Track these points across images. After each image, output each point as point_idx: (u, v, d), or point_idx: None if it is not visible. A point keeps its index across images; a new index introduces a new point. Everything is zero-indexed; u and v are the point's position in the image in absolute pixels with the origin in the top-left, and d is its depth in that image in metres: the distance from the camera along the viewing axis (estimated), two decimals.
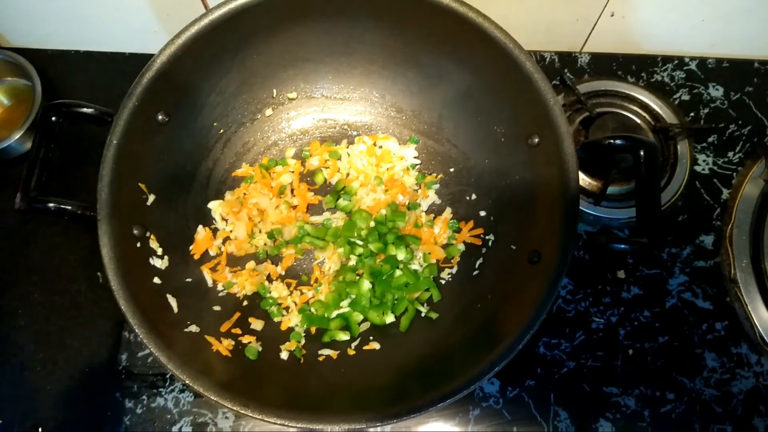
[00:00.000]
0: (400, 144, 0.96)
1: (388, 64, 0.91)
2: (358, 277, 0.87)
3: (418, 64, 0.89)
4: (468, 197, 0.93)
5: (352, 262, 0.89)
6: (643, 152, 0.73)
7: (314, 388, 0.78)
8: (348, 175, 0.95)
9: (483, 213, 0.90)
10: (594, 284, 0.92)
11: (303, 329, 0.85)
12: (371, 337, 0.85)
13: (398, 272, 0.87)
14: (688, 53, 1.07)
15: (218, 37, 0.78)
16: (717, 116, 1.03)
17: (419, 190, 0.94)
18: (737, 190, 0.97)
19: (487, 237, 0.89)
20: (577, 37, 1.05)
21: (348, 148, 0.96)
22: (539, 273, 0.72)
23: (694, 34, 1.03)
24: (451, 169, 0.95)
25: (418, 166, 0.96)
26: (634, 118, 0.98)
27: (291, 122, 0.97)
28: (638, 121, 0.98)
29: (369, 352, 0.83)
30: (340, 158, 0.95)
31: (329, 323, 0.85)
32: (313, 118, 0.98)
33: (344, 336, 0.85)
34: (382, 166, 0.94)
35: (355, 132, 0.98)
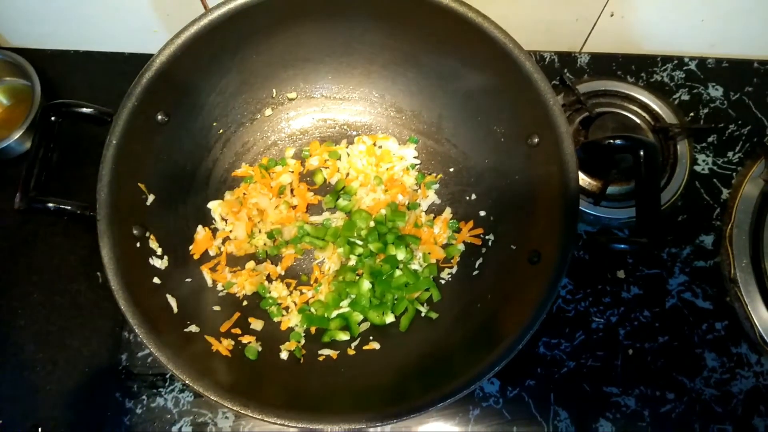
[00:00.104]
0: (399, 144, 0.96)
1: (387, 64, 0.91)
2: (357, 277, 0.87)
3: (418, 64, 0.89)
4: (468, 197, 0.93)
5: (352, 262, 0.89)
6: (642, 152, 0.73)
7: (314, 388, 0.78)
8: (348, 175, 0.95)
9: (483, 213, 0.90)
10: (594, 284, 0.92)
11: (303, 329, 0.85)
12: (371, 337, 0.85)
13: (398, 272, 0.87)
14: (687, 53, 1.07)
15: (218, 37, 0.78)
16: (717, 116, 1.03)
17: (419, 190, 0.94)
18: (737, 190, 0.97)
19: (486, 237, 0.89)
20: (576, 37, 1.05)
21: (348, 148, 0.96)
22: (539, 273, 0.72)
23: (694, 34, 1.03)
24: (451, 169, 0.95)
25: (417, 166, 0.96)
26: (633, 118, 0.98)
27: (291, 122, 0.97)
28: (638, 121, 0.98)
29: (369, 352, 0.83)
30: (339, 158, 0.95)
31: (329, 323, 0.85)
32: (313, 118, 0.98)
33: (344, 336, 0.85)
34: (381, 166, 0.94)
35: (355, 132, 0.98)
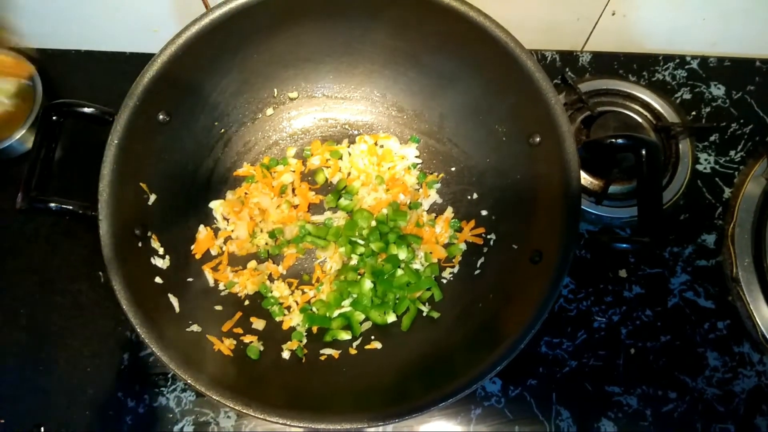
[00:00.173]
0: (401, 143, 0.96)
1: (389, 64, 0.91)
2: (359, 277, 0.87)
3: (419, 63, 0.89)
4: (469, 196, 0.92)
5: (354, 261, 0.89)
6: (644, 151, 0.73)
7: (316, 387, 0.78)
8: (349, 174, 0.95)
9: (484, 212, 0.90)
10: (596, 283, 0.92)
11: (304, 329, 0.85)
12: (373, 337, 0.85)
13: (400, 271, 0.87)
14: (689, 52, 1.06)
15: (219, 37, 0.77)
16: (718, 115, 1.02)
17: (420, 190, 0.94)
18: (739, 189, 0.96)
19: (488, 236, 0.89)
20: (578, 36, 1.05)
21: (349, 147, 0.96)
22: (541, 272, 0.72)
23: (696, 32, 1.03)
24: (453, 169, 0.95)
25: (419, 165, 0.96)
26: (635, 117, 0.98)
27: (292, 122, 0.97)
28: (640, 120, 0.98)
29: (370, 351, 0.83)
30: (341, 158, 0.95)
31: (331, 323, 0.85)
32: (314, 118, 0.98)
33: (346, 335, 0.85)
34: (383, 165, 0.94)
35: (356, 131, 0.98)
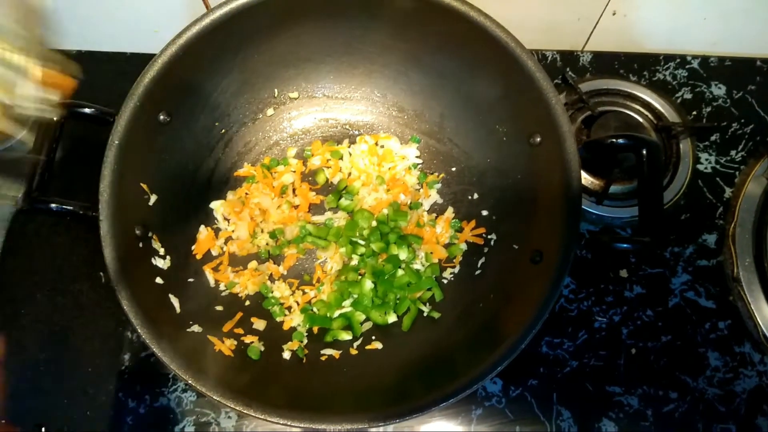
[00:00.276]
0: (401, 143, 0.96)
1: (389, 64, 0.91)
2: (360, 277, 0.87)
3: (420, 63, 0.89)
4: (470, 196, 0.92)
5: (354, 261, 0.89)
6: (645, 151, 0.73)
7: (316, 387, 0.78)
8: (350, 174, 0.95)
9: (485, 212, 0.90)
10: (596, 283, 0.92)
11: (305, 329, 0.85)
12: (373, 337, 0.85)
13: (400, 272, 0.87)
14: (690, 52, 1.06)
15: (220, 37, 0.78)
16: (719, 115, 1.02)
17: (421, 190, 0.94)
18: (740, 189, 0.96)
19: (489, 236, 0.89)
20: (578, 36, 1.05)
21: (350, 147, 0.96)
22: (541, 272, 0.72)
23: (696, 32, 1.03)
24: (453, 169, 0.95)
25: (419, 165, 0.96)
26: (636, 116, 0.98)
27: (292, 122, 0.97)
28: (640, 119, 0.98)
29: (371, 351, 0.83)
30: (341, 158, 0.95)
31: (331, 323, 0.85)
32: (315, 118, 0.98)
33: (346, 336, 0.85)
34: (383, 165, 0.94)
35: (357, 131, 0.98)
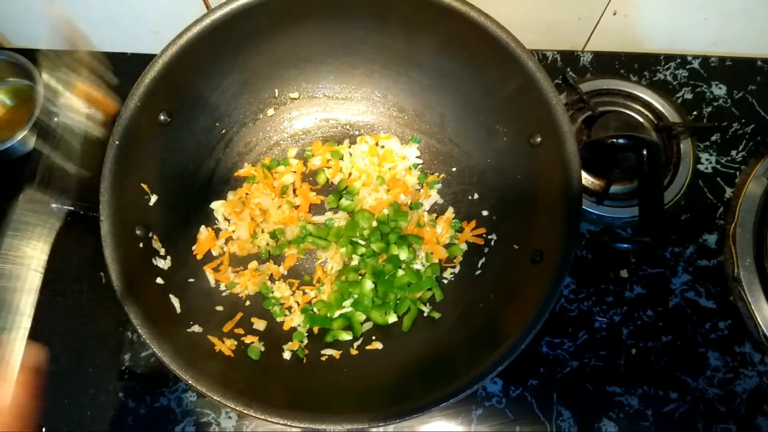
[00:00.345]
0: (402, 144, 0.96)
1: (389, 64, 0.91)
2: (360, 277, 0.87)
3: (420, 63, 0.89)
4: (470, 197, 0.92)
5: (355, 261, 0.89)
6: (645, 151, 0.73)
7: (317, 387, 0.78)
8: (350, 174, 0.95)
9: (485, 212, 0.90)
10: (597, 283, 0.92)
11: (305, 329, 0.85)
12: (374, 337, 0.85)
13: (401, 272, 0.87)
14: (690, 52, 1.06)
15: (220, 38, 0.78)
16: (720, 115, 1.02)
17: (421, 190, 0.94)
18: (740, 189, 0.96)
19: (489, 236, 0.89)
20: (579, 36, 1.05)
21: (350, 147, 0.96)
22: (542, 272, 0.72)
23: (697, 32, 1.03)
24: (454, 169, 0.95)
25: (420, 165, 0.96)
26: (636, 116, 0.98)
27: (293, 122, 0.97)
28: (641, 119, 0.98)
29: (371, 351, 0.83)
30: (342, 158, 0.95)
31: (332, 323, 0.85)
32: (315, 118, 0.98)
33: (347, 336, 0.85)
34: (384, 165, 0.94)
35: (357, 132, 0.98)
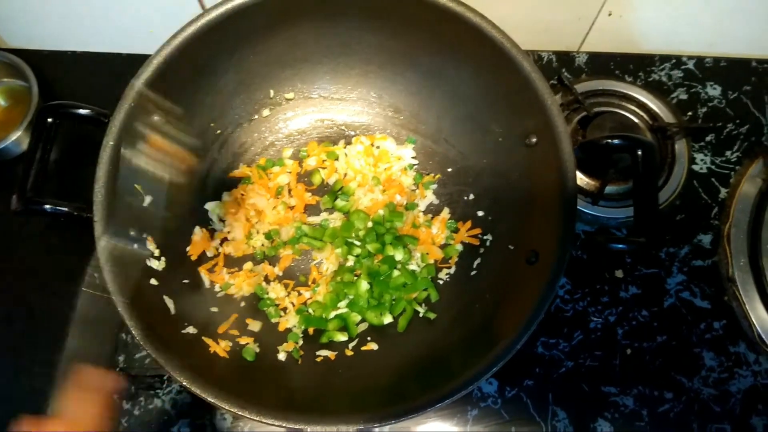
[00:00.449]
0: (397, 144, 0.96)
1: (385, 65, 0.91)
2: (355, 278, 0.87)
3: (416, 64, 0.89)
4: (466, 197, 0.92)
5: (350, 262, 0.89)
6: (640, 152, 0.73)
7: (312, 388, 0.78)
8: (345, 175, 0.95)
9: (481, 213, 0.90)
10: (592, 284, 0.92)
11: (301, 330, 0.85)
12: (369, 338, 0.85)
13: (396, 272, 0.87)
14: (685, 52, 1.07)
15: (215, 38, 0.77)
16: (715, 115, 1.03)
17: (417, 191, 0.94)
18: (735, 189, 0.97)
19: (485, 237, 0.89)
20: (574, 37, 1.05)
21: (345, 148, 0.96)
22: (537, 273, 0.72)
23: (692, 33, 1.03)
24: (449, 169, 0.95)
25: (415, 166, 0.96)
26: (631, 117, 0.98)
27: (288, 123, 0.97)
28: (636, 120, 0.98)
29: (367, 352, 0.83)
30: (337, 158, 0.95)
31: (327, 324, 0.85)
32: (311, 119, 0.98)
33: (342, 337, 0.84)
34: (379, 166, 0.94)
35: (353, 132, 0.98)
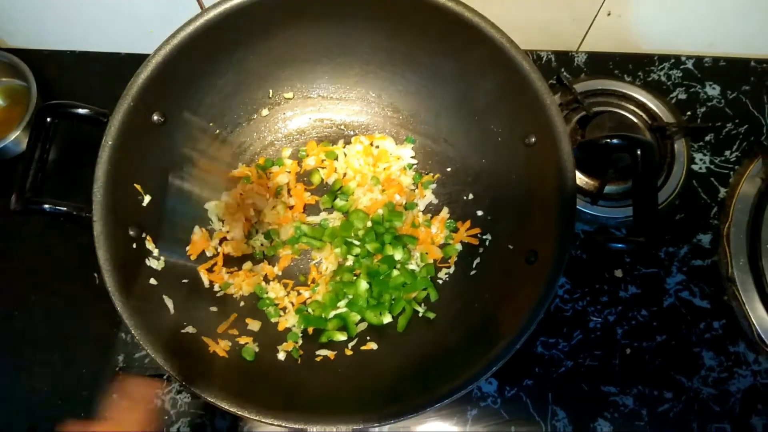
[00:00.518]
0: (396, 144, 0.96)
1: (384, 65, 0.91)
2: (355, 278, 0.87)
3: (415, 63, 0.89)
4: (465, 197, 0.92)
5: (350, 262, 0.89)
6: (640, 151, 0.73)
7: (312, 388, 0.78)
8: (345, 175, 0.95)
9: (480, 212, 0.90)
10: (591, 283, 0.92)
11: (300, 330, 0.85)
12: (368, 338, 0.85)
13: (395, 272, 0.87)
14: (684, 52, 1.07)
15: (214, 37, 0.77)
16: (714, 115, 1.03)
17: (416, 190, 0.94)
18: (734, 189, 0.97)
19: (484, 237, 0.89)
20: (573, 37, 1.05)
21: (345, 148, 0.96)
22: (536, 273, 0.72)
23: (691, 33, 1.03)
24: (448, 169, 0.95)
25: (415, 165, 0.96)
26: (631, 117, 0.98)
27: (287, 122, 0.97)
28: (635, 120, 0.98)
29: (366, 352, 0.83)
30: (336, 158, 0.95)
31: (326, 323, 0.85)
32: (310, 118, 0.98)
33: (341, 336, 0.84)
34: (378, 166, 0.94)
35: (352, 132, 0.98)
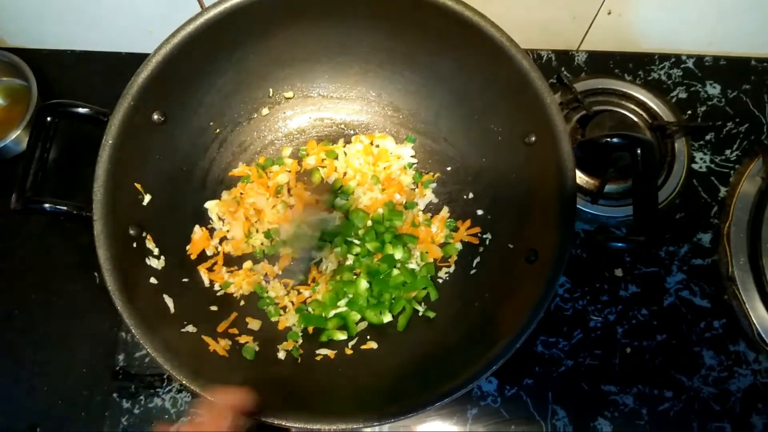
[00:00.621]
0: (397, 143, 0.96)
1: (384, 64, 0.91)
2: (355, 277, 0.87)
3: (415, 63, 0.89)
4: (465, 196, 0.92)
5: (350, 261, 0.89)
6: (640, 150, 0.73)
7: (312, 387, 0.78)
8: (345, 174, 0.95)
9: (480, 212, 0.90)
10: (592, 283, 0.92)
11: (300, 329, 0.85)
12: (369, 337, 0.85)
13: (395, 271, 0.87)
14: (685, 51, 1.06)
15: (214, 37, 0.77)
16: (714, 114, 1.03)
17: (416, 189, 0.94)
18: (735, 188, 0.97)
19: (484, 236, 0.89)
20: (574, 36, 1.05)
21: (345, 147, 0.96)
22: (536, 272, 0.72)
23: (691, 31, 1.03)
24: (449, 168, 0.95)
25: (415, 165, 0.96)
26: (631, 116, 0.98)
27: (287, 121, 0.97)
28: (635, 119, 0.98)
29: (366, 351, 0.83)
30: (336, 157, 0.95)
31: (326, 323, 0.85)
32: (310, 117, 0.98)
33: (341, 335, 0.84)
34: (379, 165, 0.94)
35: (352, 131, 0.98)
